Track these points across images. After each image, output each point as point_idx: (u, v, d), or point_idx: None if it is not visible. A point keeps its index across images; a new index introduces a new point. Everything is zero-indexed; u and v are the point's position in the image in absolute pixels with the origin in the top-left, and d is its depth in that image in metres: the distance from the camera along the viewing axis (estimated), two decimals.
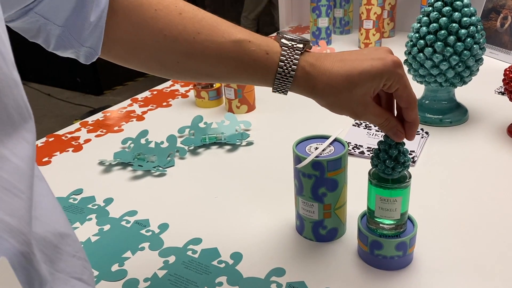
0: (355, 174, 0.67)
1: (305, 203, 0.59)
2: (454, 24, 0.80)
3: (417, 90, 0.96)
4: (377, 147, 0.52)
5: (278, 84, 0.47)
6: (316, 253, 0.59)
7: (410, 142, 0.81)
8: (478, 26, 0.82)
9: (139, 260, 0.60)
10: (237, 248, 0.60)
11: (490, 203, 0.66)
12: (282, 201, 0.68)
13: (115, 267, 0.58)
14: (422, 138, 0.84)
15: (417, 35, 0.85)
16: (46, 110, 3.34)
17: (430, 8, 0.83)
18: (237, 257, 0.59)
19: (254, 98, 1.04)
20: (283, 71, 0.46)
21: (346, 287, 0.53)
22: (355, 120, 0.91)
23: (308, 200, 0.58)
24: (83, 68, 3.52)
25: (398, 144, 0.51)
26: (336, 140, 0.59)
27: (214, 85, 1.07)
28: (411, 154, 0.78)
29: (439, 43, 0.81)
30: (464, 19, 0.80)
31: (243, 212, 0.68)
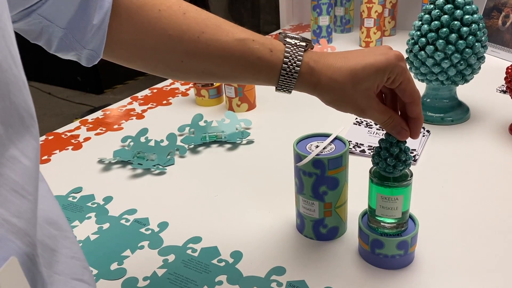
0: (356, 173, 0.66)
1: (306, 202, 0.58)
2: (456, 22, 0.80)
3: (419, 89, 0.96)
4: (378, 145, 0.52)
5: (283, 81, 0.47)
6: (317, 252, 0.58)
7: (412, 141, 0.81)
8: (480, 24, 0.82)
9: (139, 259, 0.59)
10: (237, 247, 0.60)
11: (492, 202, 0.65)
12: (283, 200, 0.68)
13: (114, 266, 0.58)
14: (424, 137, 0.83)
15: (419, 33, 0.84)
16: (47, 109, 3.34)
17: (432, 6, 0.83)
18: (237, 256, 0.58)
19: (255, 97, 1.03)
20: (288, 67, 0.46)
21: (347, 286, 0.52)
22: (356, 119, 0.91)
23: (309, 199, 0.57)
24: (84, 67, 3.49)
25: (400, 142, 0.50)
26: (337, 138, 0.59)
27: (214, 84, 1.07)
28: (412, 153, 0.78)
29: (441, 41, 0.81)
30: (466, 17, 0.80)
31: (243, 211, 0.68)
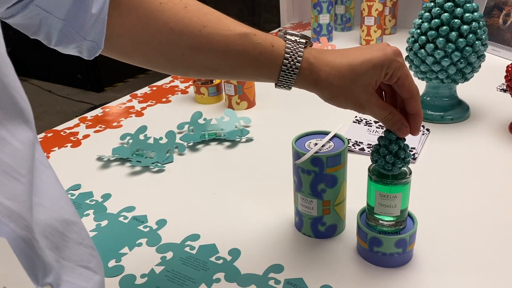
0: (355, 171, 0.66)
1: (304, 199, 0.58)
2: (456, 20, 0.80)
3: (419, 87, 0.96)
4: (377, 143, 0.51)
5: (284, 77, 0.47)
6: (315, 250, 0.58)
7: (411, 139, 0.81)
8: (481, 22, 0.81)
9: (137, 256, 0.59)
10: (235, 245, 0.60)
11: (491, 200, 0.65)
12: (281, 198, 0.68)
13: (112, 263, 0.58)
14: (423, 135, 0.83)
15: (419, 31, 0.84)
16: (47, 107, 3.33)
17: (432, 4, 0.83)
18: (235, 254, 0.58)
19: (254, 95, 1.03)
20: (289, 63, 0.46)
21: (345, 285, 0.52)
22: (356, 117, 0.91)
23: (307, 196, 0.57)
24: (84, 65, 3.52)
25: (399, 140, 0.50)
26: (336, 136, 0.59)
27: (214, 81, 1.07)
28: (412, 151, 0.77)
29: (441, 39, 0.80)
30: (466, 15, 0.79)
31: (242, 209, 0.67)
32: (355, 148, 0.80)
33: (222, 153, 0.84)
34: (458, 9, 0.79)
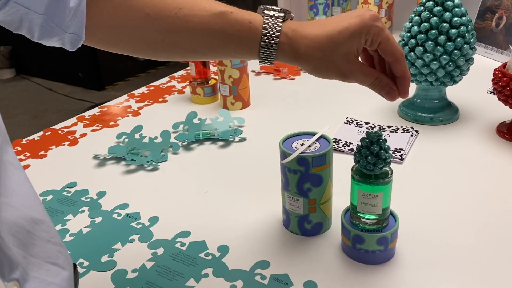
0: (344, 171, 0.67)
1: (291, 198, 0.60)
2: (445, 24, 0.81)
3: (410, 89, 0.97)
4: (360, 144, 0.53)
5: (264, 53, 0.47)
6: (301, 247, 0.60)
7: (399, 140, 0.83)
8: (469, 26, 0.83)
9: (129, 252, 0.61)
10: (225, 241, 0.62)
11: (475, 200, 0.67)
12: (271, 196, 0.70)
13: (105, 258, 0.60)
14: (412, 136, 0.85)
15: (409, 34, 0.86)
16: (48, 105, 3.36)
17: (422, 8, 0.84)
18: (224, 250, 0.60)
19: (249, 95, 1.05)
20: (267, 39, 0.47)
21: (328, 280, 0.54)
22: (347, 118, 0.92)
23: (294, 195, 0.59)
24: (85, 63, 3.55)
25: (380, 141, 0.52)
26: (322, 137, 0.60)
27: (210, 82, 1.08)
28: (400, 152, 0.79)
29: (430, 43, 0.82)
30: (455, 19, 0.81)
31: (233, 207, 0.69)
32: (345, 149, 0.82)
33: (216, 153, 0.86)
34: (447, 13, 0.81)
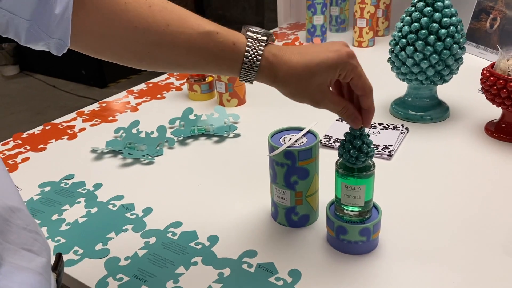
0: (334, 166, 0.70)
1: (279, 191, 0.62)
2: (435, 24, 0.83)
3: (401, 88, 0.99)
4: (343, 138, 0.55)
5: (245, 73, 0.50)
6: (288, 238, 0.62)
7: (388, 137, 0.85)
8: (458, 27, 0.85)
9: (122, 241, 0.63)
10: (215, 232, 0.64)
11: (460, 197, 0.69)
12: (261, 190, 0.72)
13: (99, 246, 0.62)
14: (402, 134, 0.87)
15: (400, 34, 0.88)
16: (51, 102, 3.39)
17: (413, 8, 0.86)
18: (214, 240, 0.62)
19: (245, 92, 1.07)
20: (249, 61, 0.49)
21: (312, 269, 0.56)
22: (338, 117, 0.94)
23: (281, 188, 0.61)
24: (88, 61, 3.57)
25: (363, 135, 0.54)
26: (310, 132, 0.63)
27: (207, 79, 1.11)
28: (389, 148, 0.81)
29: (420, 42, 0.84)
30: (445, 20, 0.83)
31: (224, 199, 0.72)
32: (335, 145, 0.84)
33: (210, 148, 0.88)
34: (437, 14, 0.83)
